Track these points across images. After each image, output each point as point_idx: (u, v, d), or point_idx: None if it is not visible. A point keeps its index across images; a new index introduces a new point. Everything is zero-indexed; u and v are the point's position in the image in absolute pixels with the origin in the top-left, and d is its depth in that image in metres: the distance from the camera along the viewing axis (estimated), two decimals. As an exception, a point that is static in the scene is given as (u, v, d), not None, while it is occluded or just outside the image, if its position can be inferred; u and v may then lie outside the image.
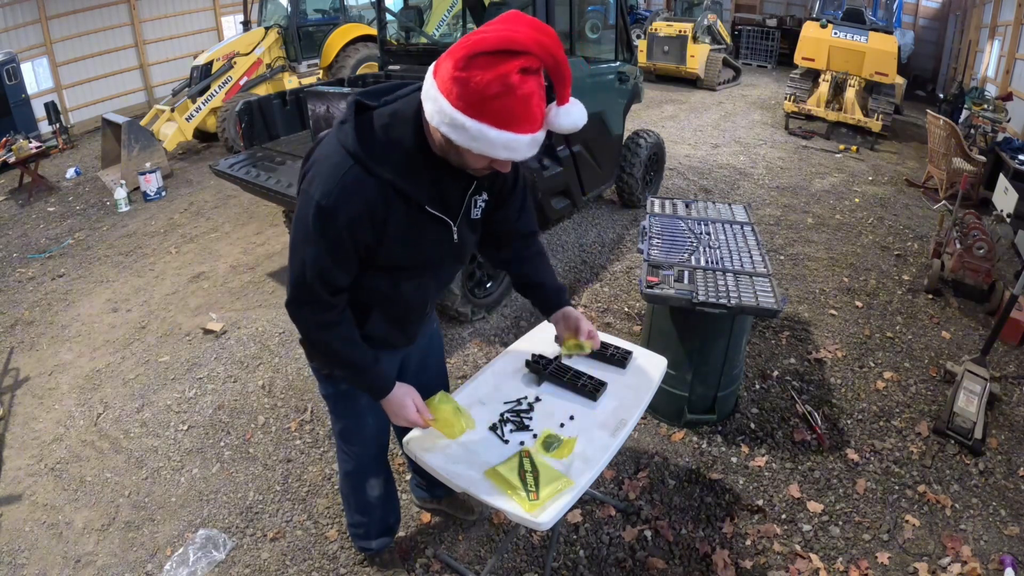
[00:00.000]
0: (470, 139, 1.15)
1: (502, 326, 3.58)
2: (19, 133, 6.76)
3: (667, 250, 2.67)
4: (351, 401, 1.70)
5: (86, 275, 4.42)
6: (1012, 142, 5.92)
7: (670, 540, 2.24)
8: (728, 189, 5.79)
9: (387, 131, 1.26)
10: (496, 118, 1.13)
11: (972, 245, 3.75)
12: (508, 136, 1.15)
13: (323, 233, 1.27)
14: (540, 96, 1.17)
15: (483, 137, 1.14)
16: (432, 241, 1.40)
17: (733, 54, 11.94)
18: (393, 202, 1.29)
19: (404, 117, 1.27)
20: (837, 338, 3.48)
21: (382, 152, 1.26)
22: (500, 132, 1.14)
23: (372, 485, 1.90)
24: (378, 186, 1.26)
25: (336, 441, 1.85)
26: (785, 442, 2.71)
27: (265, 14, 7.93)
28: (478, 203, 1.48)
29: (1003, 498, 2.44)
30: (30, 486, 2.57)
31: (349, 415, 1.74)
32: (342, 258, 1.31)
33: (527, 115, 1.15)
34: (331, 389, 1.69)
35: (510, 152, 1.18)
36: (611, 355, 1.82)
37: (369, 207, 1.26)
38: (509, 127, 1.14)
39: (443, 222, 1.39)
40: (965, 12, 10.11)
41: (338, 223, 1.25)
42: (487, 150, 1.16)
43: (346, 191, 1.24)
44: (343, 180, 1.24)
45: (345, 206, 1.24)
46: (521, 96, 1.12)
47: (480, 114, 1.12)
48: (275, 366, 3.28)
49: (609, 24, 4.61)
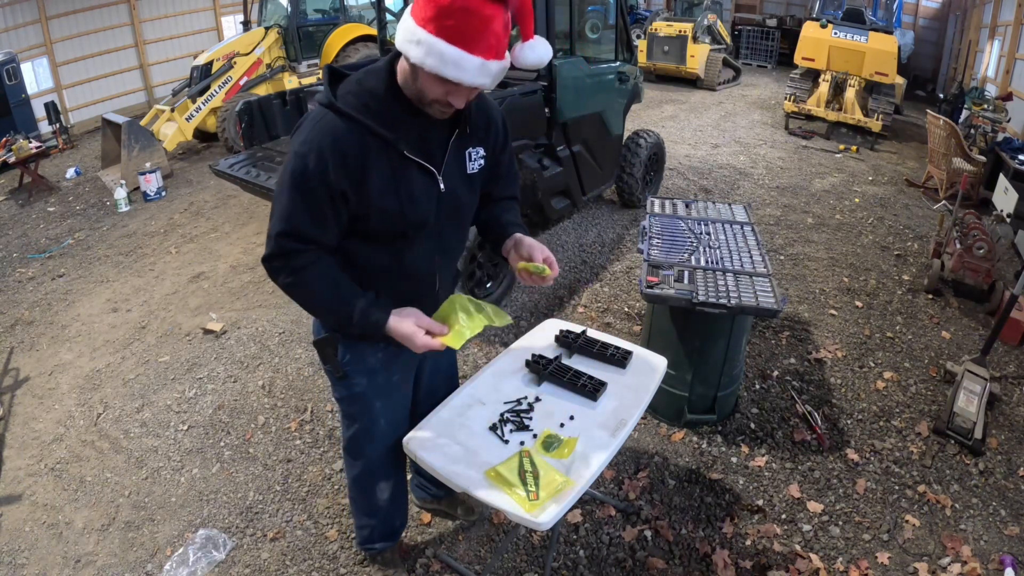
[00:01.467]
0: (425, 54, 1.18)
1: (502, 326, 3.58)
2: (19, 133, 6.75)
3: (667, 250, 2.67)
4: (365, 404, 1.68)
5: (86, 275, 4.42)
6: (1012, 142, 5.92)
7: (670, 540, 2.24)
8: (728, 189, 5.79)
9: (360, 84, 1.33)
10: (451, 34, 1.17)
11: (972, 245, 3.75)
12: (459, 53, 1.18)
13: (298, 182, 1.29)
14: (501, 27, 1.21)
15: (435, 51, 1.18)
16: (419, 191, 1.38)
17: (733, 54, 11.94)
18: (370, 147, 1.30)
19: (376, 69, 1.34)
20: (837, 338, 3.48)
21: (356, 100, 1.30)
22: (451, 47, 1.17)
23: (382, 488, 1.88)
24: (353, 129, 1.28)
25: (346, 444, 1.81)
26: (785, 442, 2.71)
27: (265, 14, 7.93)
28: (473, 157, 1.48)
29: (1003, 498, 2.44)
30: (30, 486, 2.57)
31: (363, 417, 1.71)
32: (316, 209, 1.31)
33: (483, 38, 1.19)
34: (344, 392, 1.67)
35: (458, 72, 1.20)
36: (611, 355, 1.83)
37: (342, 149, 1.28)
38: (462, 45, 1.18)
39: (427, 170, 1.38)
40: (965, 12, 10.11)
41: (310, 168, 1.27)
42: (438, 65, 1.19)
43: (320, 135, 1.28)
44: (318, 126, 1.29)
45: (318, 149, 1.27)
46: (480, 16, 1.17)
47: (437, 28, 1.17)
48: (275, 366, 3.28)
49: (609, 24, 4.61)
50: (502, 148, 1.58)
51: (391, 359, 1.64)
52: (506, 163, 1.63)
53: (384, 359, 1.63)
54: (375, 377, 1.65)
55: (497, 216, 1.64)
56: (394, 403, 1.73)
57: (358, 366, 1.62)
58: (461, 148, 1.45)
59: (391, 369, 1.66)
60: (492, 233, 1.65)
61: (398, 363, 1.67)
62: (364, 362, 1.62)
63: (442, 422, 1.60)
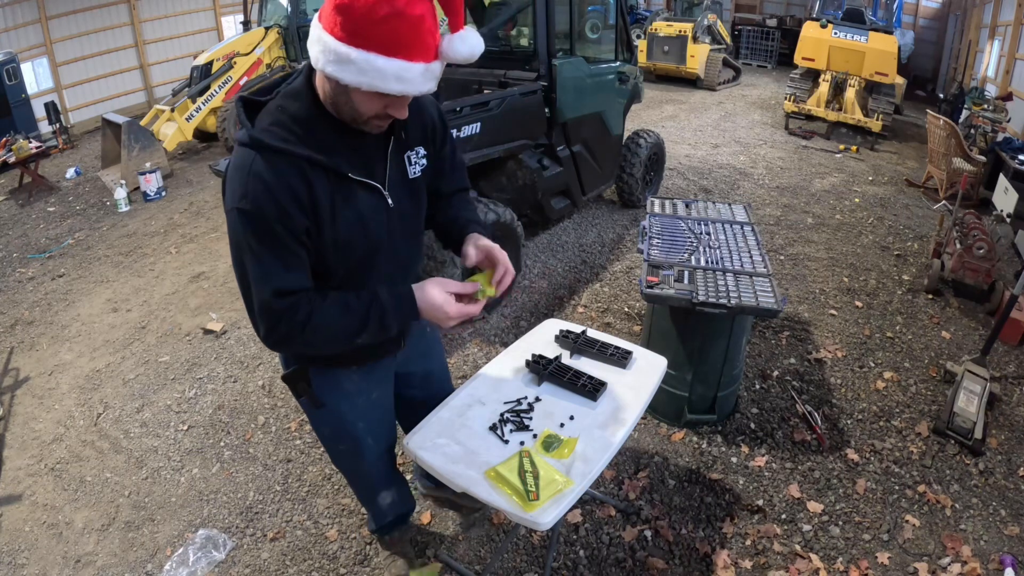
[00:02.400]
0: (358, 73, 1.06)
1: (502, 326, 3.58)
2: (19, 133, 6.76)
3: (667, 250, 2.67)
4: (348, 428, 1.62)
5: (86, 275, 4.42)
6: (1012, 142, 5.92)
7: (670, 540, 2.24)
8: (728, 189, 5.79)
9: (282, 111, 1.18)
10: (384, 45, 1.05)
11: (972, 245, 3.75)
12: (399, 64, 1.06)
13: (258, 237, 1.15)
14: (432, 22, 1.09)
15: (371, 68, 1.05)
16: (368, 213, 1.27)
17: (733, 54, 11.94)
18: (313, 179, 1.17)
19: (296, 91, 1.20)
20: (837, 338, 3.48)
21: (282, 130, 1.16)
22: (389, 60, 1.05)
23: (383, 496, 1.90)
24: (291, 165, 1.15)
25: (336, 463, 1.81)
26: (785, 442, 2.71)
27: (265, 14, 7.93)
28: (413, 160, 1.36)
29: (1003, 498, 2.44)
30: (30, 486, 2.57)
31: (348, 441, 1.66)
32: (289, 257, 1.18)
33: (418, 41, 1.07)
34: (324, 422, 1.61)
35: (402, 84, 1.08)
36: (611, 355, 1.83)
37: (290, 190, 1.14)
38: (399, 54, 1.06)
39: (372, 188, 1.27)
40: (965, 12, 10.10)
41: (267, 218, 1.13)
42: (377, 82, 1.07)
43: (260, 183, 1.13)
44: (251, 173, 1.13)
45: (265, 198, 1.13)
46: (411, 18, 1.04)
47: (367, 42, 1.04)
48: (275, 366, 3.28)
49: (609, 24, 4.61)
50: (443, 141, 1.45)
51: (365, 377, 1.57)
52: (449, 155, 1.50)
53: (359, 379, 1.56)
54: (354, 400, 1.58)
55: (453, 217, 1.51)
56: (377, 419, 1.68)
57: (335, 392, 1.54)
58: (400, 154, 1.34)
59: (369, 388, 1.60)
60: (451, 236, 1.51)
61: (373, 379, 1.60)
62: (341, 387, 1.54)
63: (442, 422, 1.60)
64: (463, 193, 1.57)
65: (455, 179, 1.54)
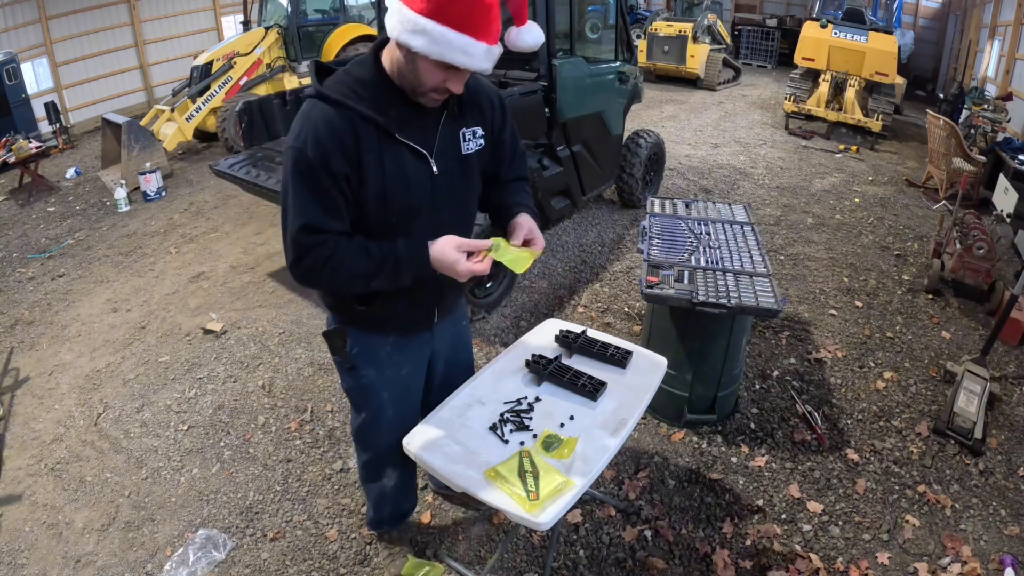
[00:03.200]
0: (431, 43, 1.19)
1: (502, 326, 3.58)
2: (19, 133, 6.75)
3: (667, 250, 2.67)
4: (372, 394, 1.71)
5: (86, 275, 4.42)
6: (1012, 142, 5.92)
7: (670, 540, 2.24)
8: (728, 189, 5.79)
9: (348, 73, 1.35)
10: (457, 21, 1.19)
11: (972, 245, 3.75)
12: (467, 40, 1.20)
13: (302, 176, 1.29)
14: (498, 10, 1.24)
15: (443, 39, 1.19)
16: (412, 174, 1.38)
17: (733, 54, 11.94)
18: (362, 132, 1.31)
19: (362, 60, 1.37)
20: (837, 338, 3.48)
21: (345, 87, 1.32)
22: (459, 35, 1.19)
23: (389, 475, 1.92)
24: (344, 116, 1.29)
25: (354, 432, 1.85)
26: (785, 442, 2.71)
27: (265, 14, 7.93)
28: (468, 137, 1.48)
29: (1003, 498, 2.44)
30: (30, 486, 2.57)
31: (370, 408, 1.74)
32: (326, 199, 1.31)
33: (486, 24, 1.22)
34: (352, 382, 1.70)
35: (467, 57, 1.22)
36: (611, 355, 1.83)
37: (337, 135, 1.28)
38: (468, 30, 1.20)
39: (418, 153, 1.39)
40: (965, 12, 10.11)
41: (311, 159, 1.27)
42: (445, 53, 1.20)
43: (313, 125, 1.28)
44: (309, 117, 1.30)
45: (314, 138, 1.27)
46: (484, 4, 1.20)
47: (442, 16, 1.18)
48: (275, 366, 3.28)
49: (609, 24, 4.61)
50: (501, 126, 1.57)
51: (400, 350, 1.66)
52: (509, 142, 1.61)
53: (393, 351, 1.65)
54: (384, 369, 1.67)
55: (505, 200, 1.61)
56: (403, 395, 1.75)
57: (367, 357, 1.64)
58: (454, 129, 1.45)
59: (400, 362, 1.68)
60: (502, 218, 1.59)
61: (408, 355, 1.69)
62: (373, 353, 1.64)
63: (442, 422, 1.60)
64: (521, 182, 1.68)
65: (515, 167, 1.65)
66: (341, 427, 2.82)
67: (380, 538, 2.19)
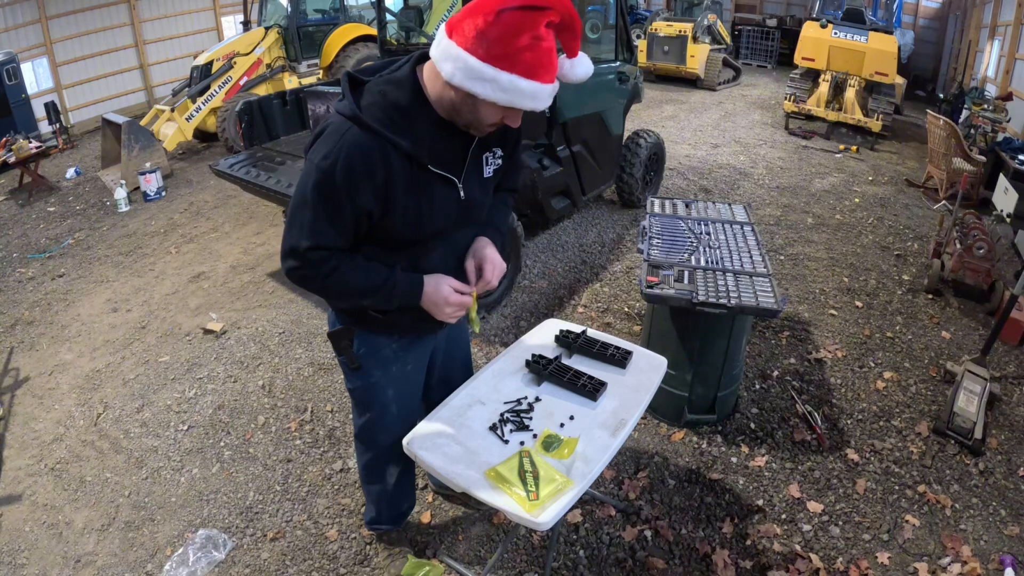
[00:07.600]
0: (499, 90, 1.20)
1: (502, 326, 3.58)
2: (19, 133, 6.76)
3: (667, 250, 2.67)
4: (378, 394, 1.71)
5: (86, 275, 4.42)
6: (1012, 142, 5.91)
7: (670, 540, 2.24)
8: (728, 189, 5.79)
9: (384, 96, 1.30)
10: (526, 69, 1.19)
11: (972, 245, 3.75)
12: (536, 86, 1.21)
13: (325, 198, 1.28)
14: (555, 48, 1.25)
15: (512, 88, 1.19)
16: (439, 201, 1.39)
17: (733, 54, 11.94)
18: (394, 162, 1.29)
19: (400, 81, 1.32)
20: (837, 338, 3.48)
21: (381, 113, 1.29)
22: (530, 82, 1.20)
23: (391, 473, 1.92)
24: (377, 144, 1.27)
25: (357, 432, 1.86)
26: (785, 442, 2.71)
27: (265, 14, 7.93)
28: (490, 160, 1.49)
29: (1003, 498, 2.44)
30: (30, 486, 2.57)
31: (376, 407, 1.74)
32: (341, 224, 1.32)
33: (550, 66, 1.23)
34: (358, 382, 1.70)
35: (535, 101, 1.24)
36: (611, 355, 1.82)
37: (368, 166, 1.27)
38: (537, 77, 1.21)
39: (448, 180, 1.39)
40: (965, 12, 10.10)
41: (336, 183, 1.26)
42: (516, 100, 1.22)
43: (345, 149, 1.26)
44: (342, 140, 1.27)
45: (344, 164, 1.25)
46: (546, 48, 1.20)
47: (512, 66, 1.18)
48: (275, 366, 3.28)
49: (609, 24, 4.61)
50: (515, 144, 1.59)
51: (405, 348, 1.67)
52: (517, 156, 1.64)
53: (398, 349, 1.66)
54: (389, 367, 1.67)
55: (488, 215, 1.63)
56: (407, 392, 1.75)
57: (373, 357, 1.65)
58: (479, 153, 1.46)
59: (405, 359, 1.69)
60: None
61: (412, 352, 1.70)
62: (379, 353, 1.65)
63: (442, 422, 1.60)
64: (507, 194, 1.70)
65: (509, 179, 1.66)
66: (341, 427, 2.82)
67: (380, 538, 2.19)
